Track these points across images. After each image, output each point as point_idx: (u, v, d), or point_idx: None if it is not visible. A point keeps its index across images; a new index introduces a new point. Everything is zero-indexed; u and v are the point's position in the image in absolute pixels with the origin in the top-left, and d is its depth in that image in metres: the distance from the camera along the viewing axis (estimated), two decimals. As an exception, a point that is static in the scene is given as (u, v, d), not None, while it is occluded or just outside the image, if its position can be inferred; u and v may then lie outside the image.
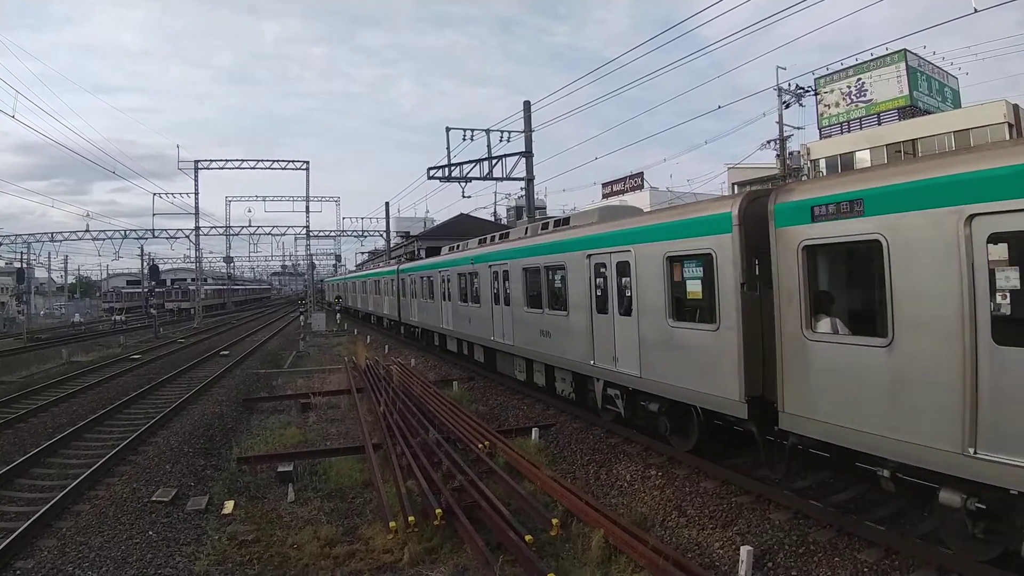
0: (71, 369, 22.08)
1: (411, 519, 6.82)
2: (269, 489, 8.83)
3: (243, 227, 52.69)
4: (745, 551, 5.83)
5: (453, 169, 23.61)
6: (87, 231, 48.81)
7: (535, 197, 25.73)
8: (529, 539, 6.23)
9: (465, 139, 23.34)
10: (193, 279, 59.84)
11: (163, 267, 67.97)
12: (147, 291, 52.86)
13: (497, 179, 24.07)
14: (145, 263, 54.03)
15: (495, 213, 62.78)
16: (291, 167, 46.84)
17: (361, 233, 56.71)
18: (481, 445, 9.80)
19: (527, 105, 22.80)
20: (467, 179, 23.92)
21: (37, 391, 17.12)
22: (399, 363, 18.68)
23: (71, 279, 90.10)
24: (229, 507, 8.14)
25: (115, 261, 63.29)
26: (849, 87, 37.41)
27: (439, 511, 6.90)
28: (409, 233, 57.80)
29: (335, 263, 75.09)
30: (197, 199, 45.80)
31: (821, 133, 38.84)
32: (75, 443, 11.60)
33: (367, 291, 39.35)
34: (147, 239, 51.31)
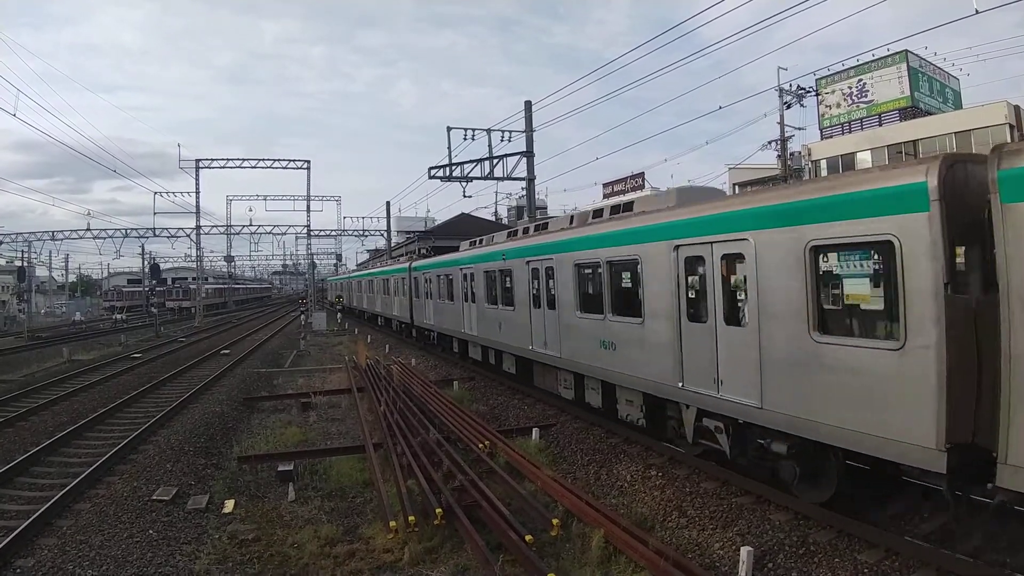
0: (72, 368, 22.08)
1: (411, 519, 6.83)
2: (269, 488, 8.84)
3: (244, 226, 52.96)
4: (745, 552, 5.83)
5: (454, 169, 23.66)
6: (88, 230, 48.94)
7: (536, 197, 25.74)
8: (529, 539, 6.24)
9: (466, 139, 23.43)
10: (194, 278, 59.90)
11: (164, 266, 67.93)
12: (148, 290, 53.00)
13: (498, 179, 24.15)
14: (146, 262, 54.00)
15: (496, 213, 62.83)
16: (292, 166, 47.03)
17: (362, 232, 56.90)
18: (481, 445, 9.81)
19: (528, 105, 22.84)
20: (468, 179, 23.97)
21: (38, 390, 17.14)
22: (399, 362, 18.69)
23: (72, 278, 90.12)
24: (229, 506, 8.16)
25: (116, 260, 63.62)
26: (850, 88, 37.35)
27: (439, 511, 6.91)
28: (416, 232, 57.55)
29: (336, 262, 75.22)
30: (198, 198, 46.05)
31: (822, 134, 38.77)
32: (76, 442, 11.62)
33: (374, 291, 36.69)
34: (148, 238, 51.43)
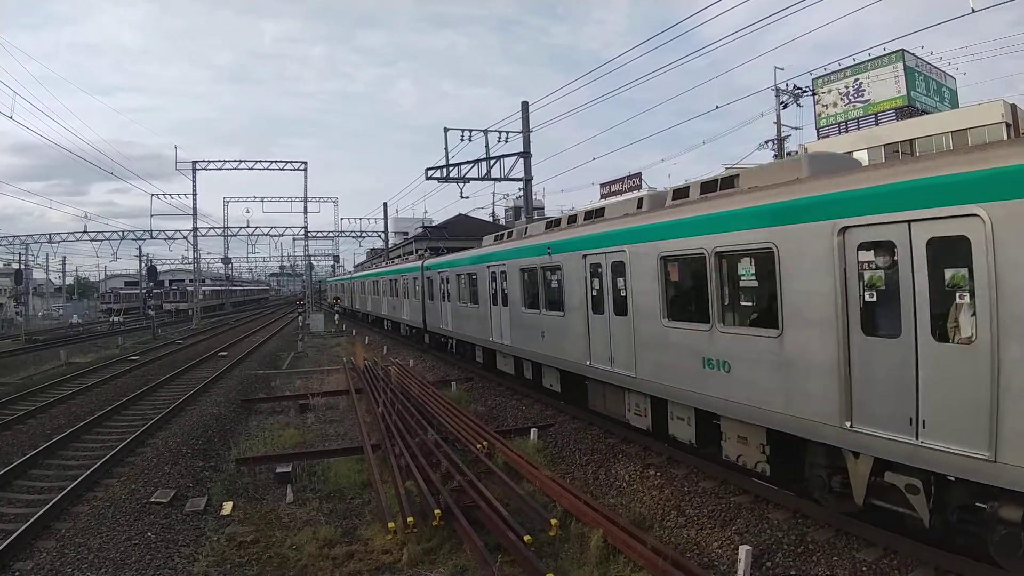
0: (70, 370, 22.04)
1: (410, 520, 6.82)
2: (268, 490, 8.83)
3: (241, 228, 52.90)
4: (744, 550, 5.83)
5: (451, 169, 23.63)
6: (85, 232, 48.89)
7: (533, 197, 25.74)
8: (528, 539, 6.23)
9: (463, 139, 23.39)
10: (191, 280, 59.81)
11: (161, 268, 67.96)
12: (145, 292, 52.92)
13: (495, 179, 24.10)
14: (143, 264, 54.01)
15: (493, 213, 62.80)
16: (289, 168, 47.00)
17: (359, 233, 56.86)
18: (480, 445, 9.81)
19: (525, 105, 22.83)
20: (465, 179, 23.94)
21: (35, 392, 17.10)
22: (397, 364, 18.68)
23: (69, 280, 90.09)
24: (228, 508, 8.15)
25: (113, 262, 63.46)
26: (847, 87, 37.45)
27: (438, 512, 6.91)
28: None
29: (333, 263, 75.19)
30: (195, 200, 46.05)
31: (819, 133, 38.84)
32: (74, 444, 11.60)
33: (379, 292, 34.17)
34: (145, 240, 51.55)
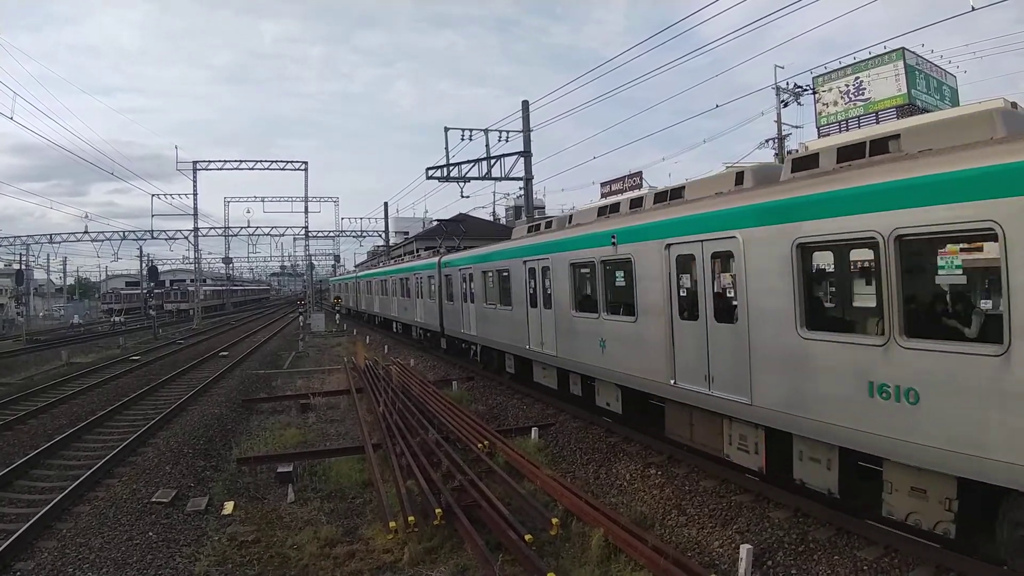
0: (71, 370, 22.06)
1: (411, 519, 6.83)
2: (269, 490, 8.84)
3: (242, 228, 52.75)
4: (745, 549, 5.82)
5: (451, 169, 23.63)
6: (86, 232, 48.79)
7: (534, 196, 25.73)
8: (529, 538, 6.24)
9: (464, 139, 23.38)
10: (192, 280, 59.82)
11: (162, 268, 67.90)
12: (146, 292, 52.84)
13: (496, 179, 24.11)
14: (144, 264, 53.96)
15: (494, 213, 62.79)
16: (290, 167, 46.95)
17: (360, 233, 56.75)
18: (481, 445, 9.81)
19: (525, 105, 22.84)
20: (465, 179, 23.93)
21: (37, 393, 17.11)
22: (398, 363, 18.69)
23: (70, 280, 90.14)
24: (229, 508, 8.15)
25: (114, 262, 63.70)
26: (847, 86, 37.37)
27: (439, 511, 6.91)
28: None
29: (334, 263, 75.18)
30: (196, 200, 46.01)
31: (819, 132, 38.74)
32: (75, 444, 11.61)
33: (387, 292, 31.65)
34: (146, 240, 51.44)
